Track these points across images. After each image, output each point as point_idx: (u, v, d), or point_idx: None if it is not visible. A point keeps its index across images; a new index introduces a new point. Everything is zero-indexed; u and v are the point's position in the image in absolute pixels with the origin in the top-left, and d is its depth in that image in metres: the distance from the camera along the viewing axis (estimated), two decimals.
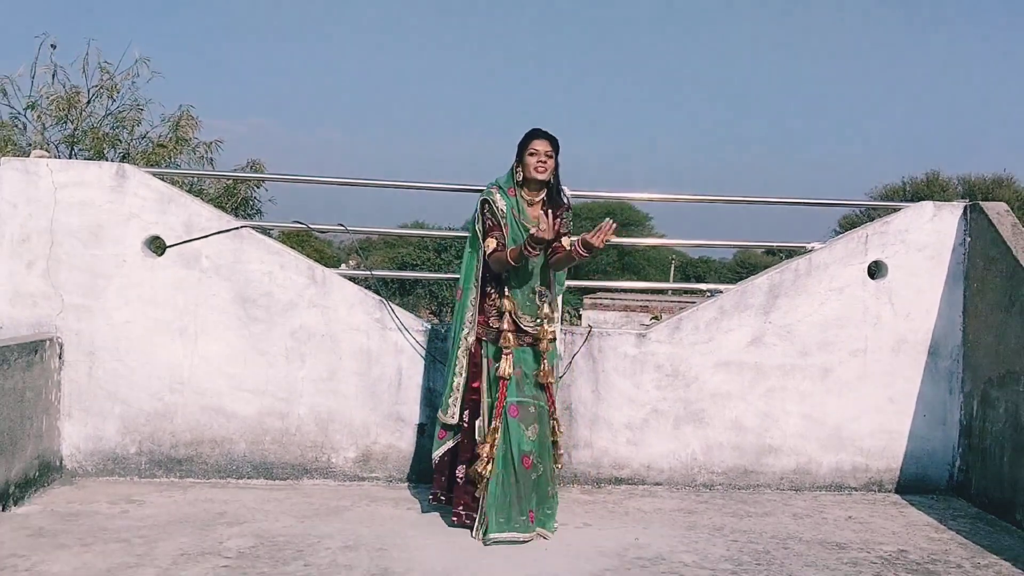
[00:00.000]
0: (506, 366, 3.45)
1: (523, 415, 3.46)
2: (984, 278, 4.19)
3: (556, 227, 3.44)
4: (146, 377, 4.06)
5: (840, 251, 4.34)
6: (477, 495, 3.45)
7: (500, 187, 3.58)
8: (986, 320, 4.15)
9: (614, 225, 3.28)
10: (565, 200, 3.67)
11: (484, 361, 3.51)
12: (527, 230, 3.47)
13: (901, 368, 4.34)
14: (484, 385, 3.50)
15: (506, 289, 3.53)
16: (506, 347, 3.47)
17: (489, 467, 3.39)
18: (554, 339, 3.61)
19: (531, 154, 3.52)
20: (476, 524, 3.42)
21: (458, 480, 3.54)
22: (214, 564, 3.00)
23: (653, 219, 39.59)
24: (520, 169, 3.56)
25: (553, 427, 3.58)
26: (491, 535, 3.35)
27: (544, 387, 3.55)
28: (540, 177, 3.53)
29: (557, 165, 3.58)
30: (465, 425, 3.54)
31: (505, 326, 3.50)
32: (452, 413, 3.56)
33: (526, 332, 3.53)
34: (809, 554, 3.36)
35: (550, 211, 3.45)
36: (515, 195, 3.57)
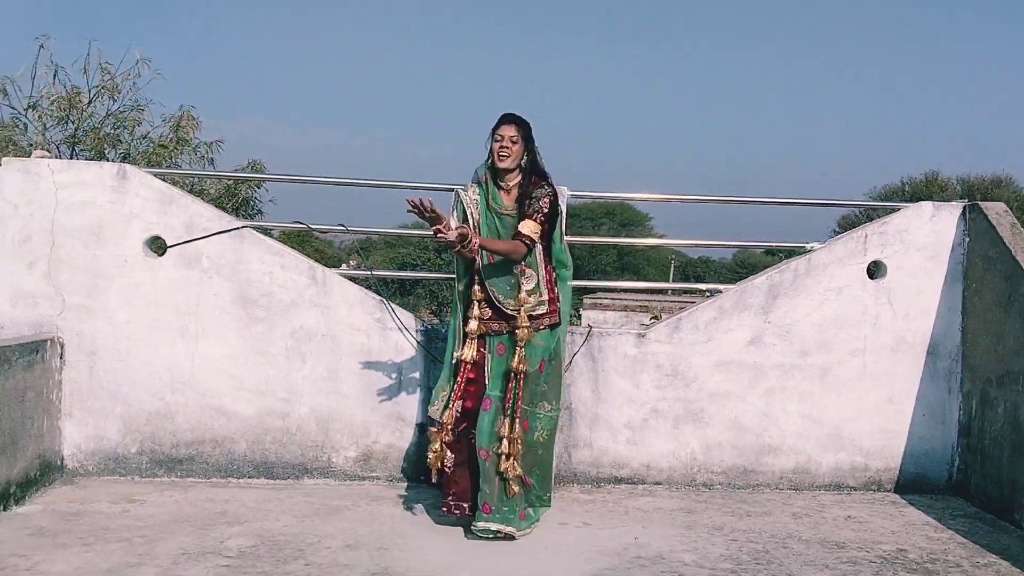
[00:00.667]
0: (468, 351, 3.41)
1: (496, 408, 3.40)
2: (983, 278, 4.18)
3: (458, 231, 3.25)
4: (147, 377, 4.05)
5: (839, 251, 4.34)
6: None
7: (477, 178, 3.53)
8: (985, 320, 4.15)
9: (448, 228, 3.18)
10: (561, 200, 3.59)
11: (486, 352, 3.45)
12: (500, 217, 3.46)
13: (900, 368, 4.34)
14: (487, 373, 3.44)
15: (483, 275, 3.44)
16: (471, 333, 3.42)
17: (444, 455, 3.43)
18: (539, 329, 3.46)
19: (496, 140, 3.45)
20: None
21: (446, 469, 3.47)
22: (215, 563, 3.00)
23: (653, 219, 39.58)
24: (491, 158, 3.48)
25: (509, 422, 3.38)
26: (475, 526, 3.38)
27: (511, 379, 3.39)
28: (502, 165, 3.44)
29: (532, 150, 3.49)
30: (458, 413, 3.47)
31: (473, 313, 3.43)
32: (437, 408, 3.50)
33: (509, 318, 3.43)
34: (808, 553, 3.35)
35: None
36: (488, 182, 3.50)
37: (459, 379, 3.44)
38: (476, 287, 3.45)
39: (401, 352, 4.17)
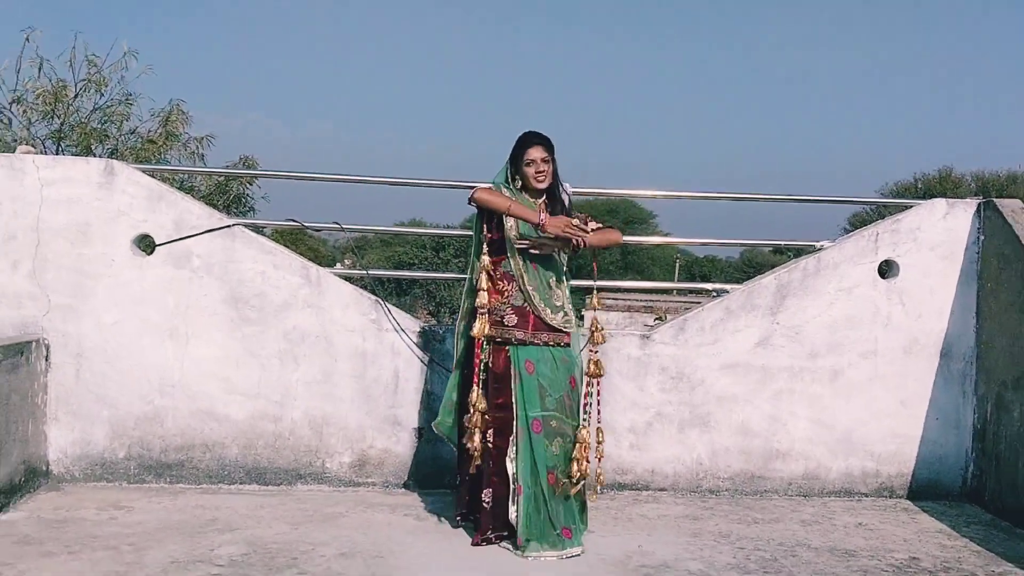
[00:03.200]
0: (485, 356, 3.37)
1: (546, 430, 3.33)
2: (998, 277, 4.15)
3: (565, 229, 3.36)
4: (135, 380, 4.02)
5: (850, 250, 4.31)
6: (509, 517, 3.34)
7: (497, 188, 3.49)
8: (1000, 321, 4.11)
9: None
10: (566, 198, 3.56)
11: (513, 370, 3.36)
12: (532, 232, 3.43)
13: (913, 370, 4.30)
14: (516, 393, 3.35)
15: (524, 280, 3.39)
16: (489, 336, 3.36)
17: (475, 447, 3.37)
18: (564, 344, 3.48)
19: (527, 164, 3.43)
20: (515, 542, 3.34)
21: (484, 505, 3.39)
22: (205, 572, 2.97)
23: (657, 217, 39.84)
24: (518, 178, 3.47)
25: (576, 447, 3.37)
26: (527, 552, 3.26)
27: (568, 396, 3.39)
28: (541, 187, 3.45)
29: (555, 165, 3.49)
30: (491, 446, 3.38)
31: (499, 318, 3.38)
32: (448, 420, 3.55)
33: (549, 328, 3.40)
34: (818, 562, 3.32)
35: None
36: (518, 193, 3.49)
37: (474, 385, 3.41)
38: (507, 292, 3.42)
39: (397, 354, 4.13)
